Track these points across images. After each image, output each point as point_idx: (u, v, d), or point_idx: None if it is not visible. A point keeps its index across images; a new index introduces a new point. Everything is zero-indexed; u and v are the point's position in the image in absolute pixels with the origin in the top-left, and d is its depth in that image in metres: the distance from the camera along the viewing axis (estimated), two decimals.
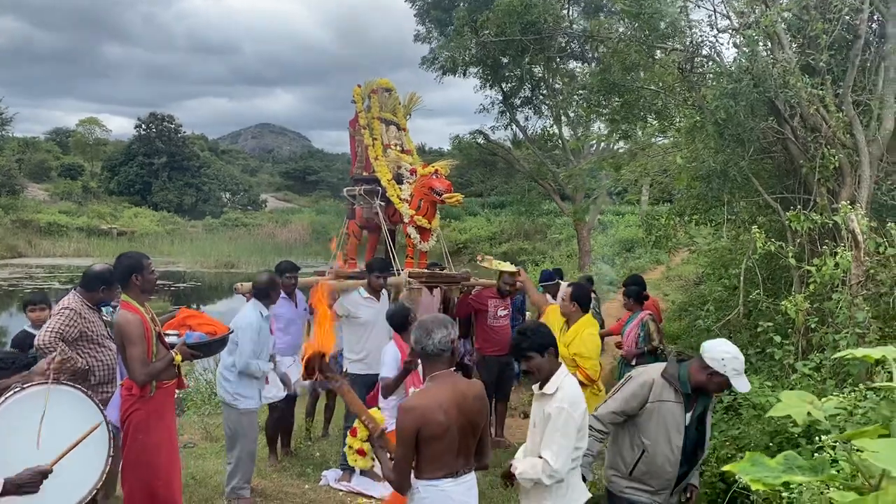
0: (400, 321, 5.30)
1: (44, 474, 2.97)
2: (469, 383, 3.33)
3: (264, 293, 5.62)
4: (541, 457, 3.35)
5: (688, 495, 3.78)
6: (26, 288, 24.96)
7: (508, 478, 3.56)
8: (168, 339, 4.36)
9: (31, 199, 47.04)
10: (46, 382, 3.63)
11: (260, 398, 5.68)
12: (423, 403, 3.11)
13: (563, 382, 3.43)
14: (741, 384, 3.47)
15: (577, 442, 3.38)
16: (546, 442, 3.35)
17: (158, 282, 4.68)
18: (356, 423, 3.67)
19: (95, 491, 3.71)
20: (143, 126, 59.65)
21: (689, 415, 3.62)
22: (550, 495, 3.41)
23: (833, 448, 2.47)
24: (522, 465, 3.46)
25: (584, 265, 20.42)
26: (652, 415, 3.63)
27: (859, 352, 2.08)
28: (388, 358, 5.18)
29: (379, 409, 4.83)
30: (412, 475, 3.16)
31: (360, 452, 3.73)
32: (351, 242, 7.65)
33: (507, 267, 6.90)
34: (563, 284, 8.08)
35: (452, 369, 3.30)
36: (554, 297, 7.65)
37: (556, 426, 3.32)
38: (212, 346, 4.53)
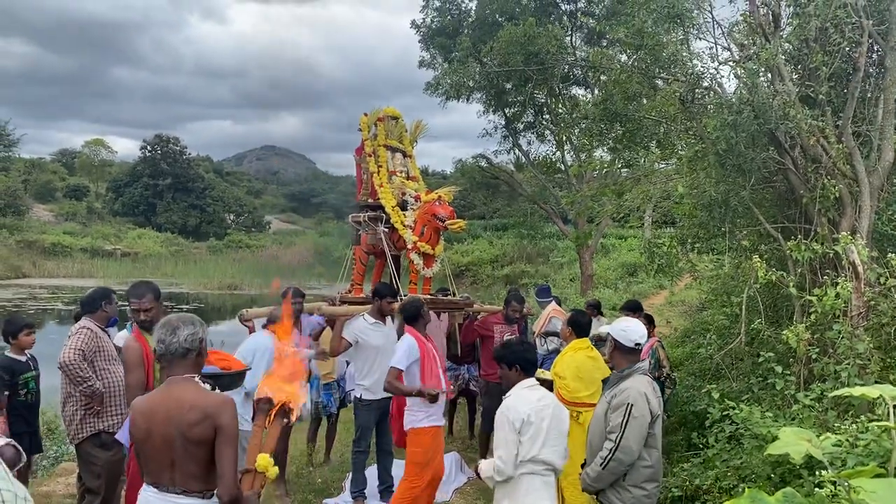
0: (412, 313, 5.60)
1: None
2: (201, 396, 2.97)
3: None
4: None
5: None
6: (30, 309, 25.03)
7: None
8: None
9: (37, 220, 47.42)
10: None
11: None
12: (136, 404, 3.03)
13: (518, 393, 3.77)
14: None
15: (530, 448, 3.63)
16: (496, 443, 3.77)
17: (164, 303, 4.73)
18: None
19: None
20: (148, 147, 60.14)
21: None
22: (507, 495, 3.72)
23: (833, 483, 2.50)
24: (485, 464, 3.86)
25: (587, 289, 20.43)
26: None
27: (857, 390, 2.13)
28: (401, 348, 5.39)
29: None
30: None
31: None
32: (357, 268, 7.70)
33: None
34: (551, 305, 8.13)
35: (198, 378, 3.07)
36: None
37: (498, 427, 3.75)
38: (225, 380, 4.43)
